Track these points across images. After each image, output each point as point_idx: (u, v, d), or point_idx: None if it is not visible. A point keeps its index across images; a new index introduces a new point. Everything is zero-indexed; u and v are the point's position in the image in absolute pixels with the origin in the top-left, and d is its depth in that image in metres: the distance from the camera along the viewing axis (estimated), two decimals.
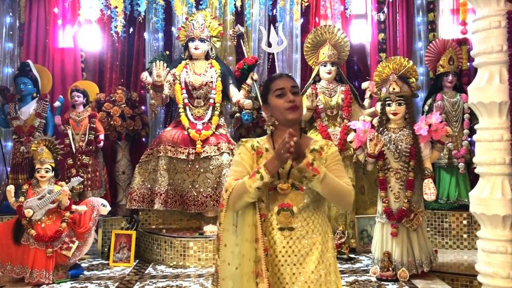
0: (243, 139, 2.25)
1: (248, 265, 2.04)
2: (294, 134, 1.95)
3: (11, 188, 4.41)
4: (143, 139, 6.14)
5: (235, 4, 5.77)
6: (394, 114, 4.29)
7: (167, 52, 6.05)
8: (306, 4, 5.96)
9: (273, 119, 2.21)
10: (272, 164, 2.01)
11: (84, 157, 5.36)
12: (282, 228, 2.10)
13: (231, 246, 2.09)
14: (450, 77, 5.43)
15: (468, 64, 5.80)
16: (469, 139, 5.28)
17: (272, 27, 5.63)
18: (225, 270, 2.10)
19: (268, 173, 2.00)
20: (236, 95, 5.39)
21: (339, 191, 2.05)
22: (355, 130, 4.49)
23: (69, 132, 5.37)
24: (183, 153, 5.05)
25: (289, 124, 2.15)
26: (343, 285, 3.99)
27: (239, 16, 6.14)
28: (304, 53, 5.61)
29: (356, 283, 4.12)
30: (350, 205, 2.13)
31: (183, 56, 5.57)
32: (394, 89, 4.27)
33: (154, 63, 5.13)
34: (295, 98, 2.15)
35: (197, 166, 5.05)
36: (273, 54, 5.74)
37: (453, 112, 5.41)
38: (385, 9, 6.12)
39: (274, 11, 6.17)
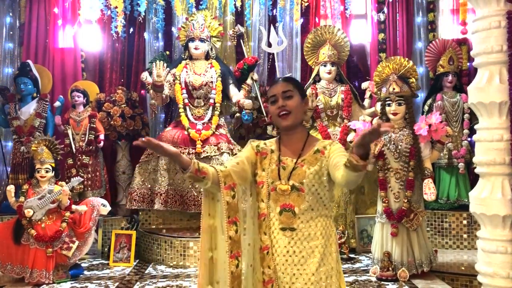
0: (253, 139, 2.31)
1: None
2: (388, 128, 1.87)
3: (11, 188, 4.41)
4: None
5: (235, 4, 5.77)
6: (394, 114, 4.29)
7: (167, 52, 6.05)
8: (306, 4, 5.97)
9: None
10: None
11: (84, 157, 5.35)
12: (284, 228, 2.13)
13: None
14: (450, 77, 5.42)
15: (468, 64, 5.79)
16: (469, 139, 5.28)
17: (272, 27, 5.63)
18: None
19: None
20: (236, 95, 5.38)
21: (359, 179, 1.97)
22: (355, 130, 4.49)
23: (69, 132, 5.36)
24: (183, 153, 5.04)
25: (287, 130, 2.19)
26: None
27: (239, 16, 6.13)
28: (304, 53, 5.61)
29: (356, 283, 4.13)
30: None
31: (183, 56, 5.56)
32: (394, 89, 4.27)
33: (154, 63, 5.13)
34: (287, 103, 2.14)
35: None
36: (273, 54, 5.74)
37: (453, 112, 5.41)
38: (385, 9, 6.12)
39: (274, 11, 6.17)
